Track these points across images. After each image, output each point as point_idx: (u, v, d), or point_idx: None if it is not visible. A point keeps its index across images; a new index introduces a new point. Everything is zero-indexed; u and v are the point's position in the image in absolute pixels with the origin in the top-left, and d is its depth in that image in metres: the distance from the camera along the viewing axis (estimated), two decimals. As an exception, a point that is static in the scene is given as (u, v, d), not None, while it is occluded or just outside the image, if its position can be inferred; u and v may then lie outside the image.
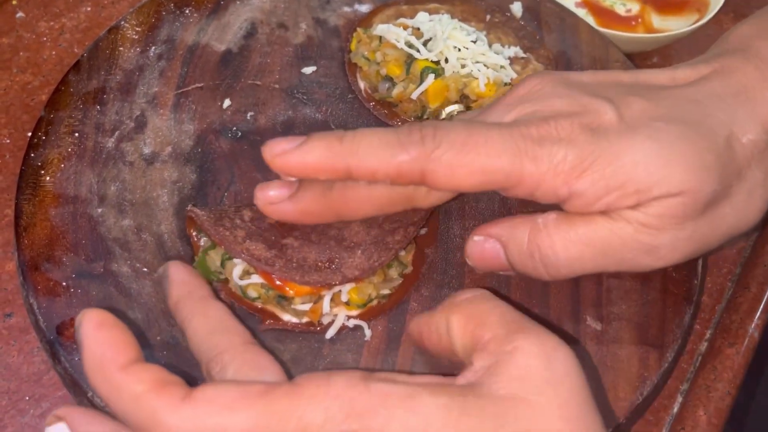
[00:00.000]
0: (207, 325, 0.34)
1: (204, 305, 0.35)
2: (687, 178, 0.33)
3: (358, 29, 0.51)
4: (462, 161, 0.33)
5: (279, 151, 0.34)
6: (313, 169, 0.34)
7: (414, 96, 0.47)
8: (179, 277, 0.36)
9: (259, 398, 0.27)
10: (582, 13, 0.61)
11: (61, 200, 0.44)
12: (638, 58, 0.63)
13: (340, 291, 0.40)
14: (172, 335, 0.40)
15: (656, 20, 0.62)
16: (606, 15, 0.62)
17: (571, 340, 0.33)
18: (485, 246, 0.38)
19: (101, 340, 0.29)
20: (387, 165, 0.34)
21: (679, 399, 0.45)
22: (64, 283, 0.41)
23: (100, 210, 0.44)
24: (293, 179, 0.36)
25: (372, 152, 0.34)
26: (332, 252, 0.39)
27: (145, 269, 0.42)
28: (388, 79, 0.48)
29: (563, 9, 0.56)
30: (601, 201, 0.34)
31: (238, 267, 0.40)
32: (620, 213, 0.34)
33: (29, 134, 0.54)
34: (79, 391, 0.39)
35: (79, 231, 0.43)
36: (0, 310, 0.47)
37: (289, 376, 0.36)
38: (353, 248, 0.39)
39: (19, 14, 0.61)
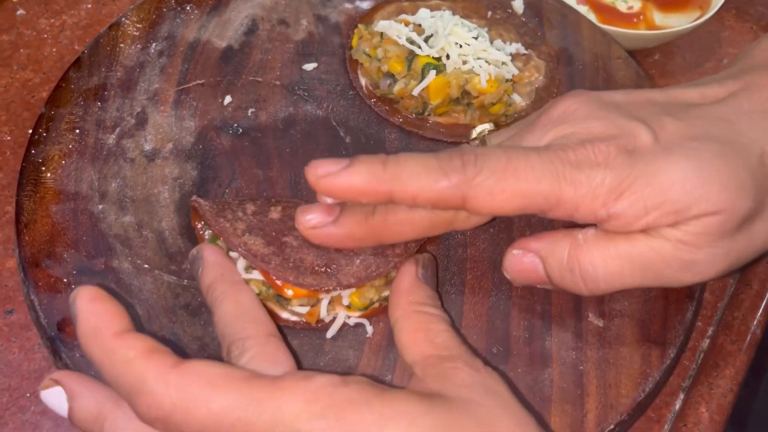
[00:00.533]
0: (236, 309, 0.35)
1: (236, 290, 0.36)
2: (724, 197, 0.34)
3: (360, 26, 0.51)
4: (502, 187, 0.34)
5: (323, 173, 0.34)
6: (357, 193, 0.34)
7: (415, 92, 0.47)
8: (213, 259, 0.38)
9: (241, 382, 0.29)
10: (584, 9, 0.61)
11: (61, 197, 0.44)
12: (640, 55, 0.62)
13: (341, 294, 0.40)
14: (173, 331, 0.40)
15: (658, 17, 0.62)
16: (608, 12, 0.62)
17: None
18: (524, 260, 0.39)
19: (95, 311, 0.30)
20: (429, 190, 0.34)
21: (681, 396, 0.44)
22: (65, 280, 0.41)
23: (101, 206, 0.44)
24: (332, 202, 0.37)
25: (414, 178, 0.34)
26: (330, 257, 0.38)
27: (146, 265, 0.42)
28: (390, 75, 0.48)
29: (565, 6, 0.56)
30: (640, 221, 0.35)
31: (241, 260, 0.40)
32: (659, 231, 0.35)
33: (30, 131, 0.54)
34: (80, 387, 0.38)
35: (79, 227, 0.43)
36: (1, 307, 0.47)
37: None
38: (352, 256, 0.39)
39: (20, 11, 0.61)
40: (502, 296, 0.42)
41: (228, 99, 0.49)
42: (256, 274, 0.39)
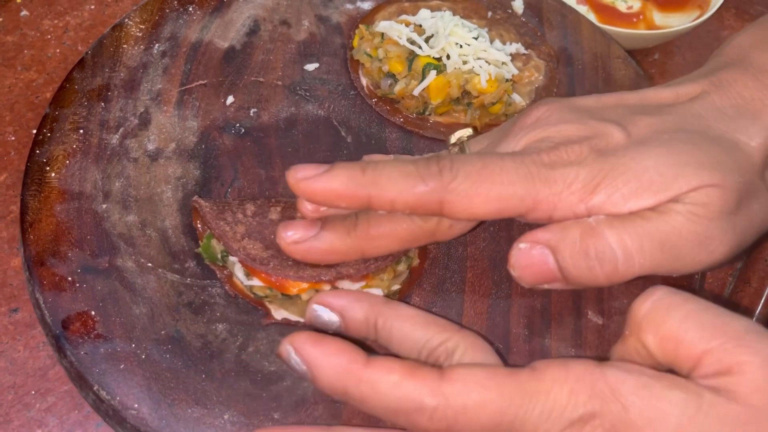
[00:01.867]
0: (408, 324, 0.35)
1: (394, 310, 0.36)
2: (703, 173, 0.35)
3: (360, 26, 0.51)
4: (478, 190, 0.35)
5: (302, 177, 0.35)
6: (335, 196, 0.35)
7: (416, 92, 0.47)
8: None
9: (507, 379, 0.29)
10: (583, 9, 0.61)
11: (66, 196, 0.44)
12: (640, 55, 0.63)
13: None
14: (177, 329, 0.40)
15: (657, 17, 0.63)
16: (607, 12, 0.62)
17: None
18: (532, 253, 0.36)
19: (330, 352, 0.31)
20: (407, 195, 0.35)
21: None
22: (70, 278, 0.41)
23: (104, 206, 0.44)
24: (312, 208, 0.37)
25: (392, 183, 0.35)
26: None
27: (150, 264, 0.42)
28: (390, 75, 0.48)
29: (565, 6, 0.56)
30: (621, 210, 0.35)
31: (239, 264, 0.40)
32: (666, 206, 0.35)
33: (34, 131, 0.54)
34: (85, 385, 0.39)
35: (84, 226, 0.43)
36: (6, 306, 0.47)
37: None
38: None
39: (24, 12, 0.61)
40: (502, 294, 0.43)
41: (230, 99, 0.49)
42: (257, 281, 0.40)
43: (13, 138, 0.54)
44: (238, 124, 0.48)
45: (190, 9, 0.53)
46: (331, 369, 0.31)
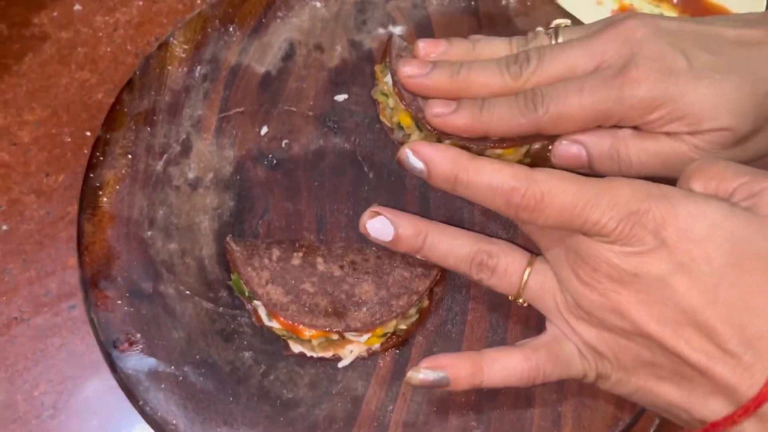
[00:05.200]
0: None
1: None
2: (730, 118, 0.42)
3: (376, 66, 0.52)
4: (565, 123, 0.44)
5: (437, 113, 0.46)
6: (461, 131, 0.46)
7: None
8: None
9: (580, 178, 0.38)
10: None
11: (116, 221, 0.50)
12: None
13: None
14: (209, 354, 0.47)
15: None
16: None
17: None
18: (571, 148, 0.46)
19: (442, 149, 0.41)
20: (513, 130, 0.45)
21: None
22: (119, 301, 0.48)
23: (149, 233, 0.50)
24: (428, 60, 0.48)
25: (502, 122, 0.45)
26: (341, 305, 0.44)
27: (188, 292, 0.48)
28: (401, 126, 0.51)
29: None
30: (665, 127, 0.44)
31: (262, 307, 0.46)
32: (680, 136, 0.43)
33: (87, 133, 0.60)
34: (132, 398, 0.46)
35: (131, 252, 0.49)
36: (65, 303, 0.54)
37: (309, 398, 0.43)
38: (360, 305, 0.44)
39: (77, 7, 0.64)
40: (497, 338, 0.48)
41: (264, 129, 0.53)
42: (276, 323, 0.45)
43: (69, 140, 0.59)
44: (270, 155, 0.52)
45: (231, 29, 0.56)
46: (445, 160, 0.40)
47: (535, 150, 0.49)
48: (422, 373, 0.41)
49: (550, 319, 0.42)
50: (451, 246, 0.44)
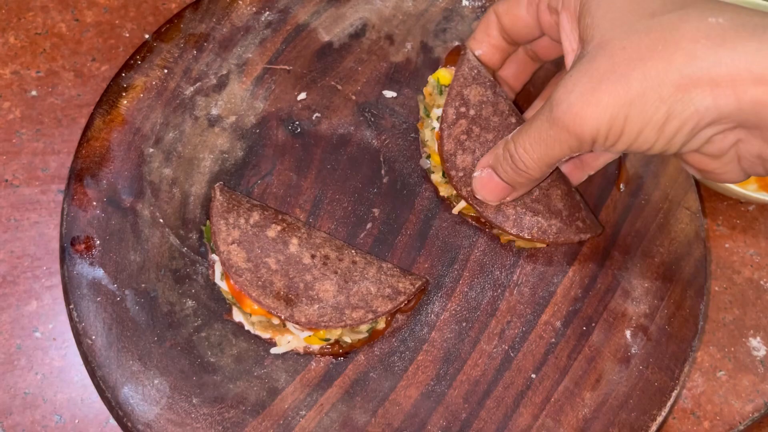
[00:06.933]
0: None
1: None
2: None
3: (430, 78, 0.49)
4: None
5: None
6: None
7: (454, 211, 0.48)
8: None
9: None
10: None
11: (126, 127, 0.49)
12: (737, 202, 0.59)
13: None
14: (155, 288, 0.45)
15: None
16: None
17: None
18: (482, 175, 0.45)
19: None
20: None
21: None
22: (94, 203, 0.47)
23: (151, 150, 0.49)
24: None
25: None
26: (295, 293, 0.42)
27: (161, 220, 0.47)
28: (429, 157, 0.48)
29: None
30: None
31: (218, 265, 0.44)
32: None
33: (147, 35, 0.59)
34: (66, 299, 0.45)
35: (126, 161, 0.48)
36: (56, 184, 0.54)
37: (229, 371, 0.41)
38: (313, 301, 0.42)
39: None
40: (438, 389, 0.45)
41: (303, 95, 0.51)
42: (225, 285, 0.43)
43: (127, 35, 0.59)
44: (297, 122, 0.51)
45: (314, -12, 0.55)
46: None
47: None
48: None
49: None
50: None
